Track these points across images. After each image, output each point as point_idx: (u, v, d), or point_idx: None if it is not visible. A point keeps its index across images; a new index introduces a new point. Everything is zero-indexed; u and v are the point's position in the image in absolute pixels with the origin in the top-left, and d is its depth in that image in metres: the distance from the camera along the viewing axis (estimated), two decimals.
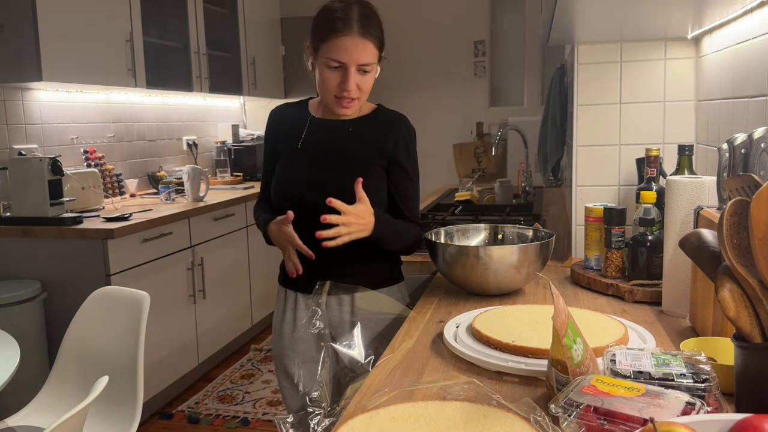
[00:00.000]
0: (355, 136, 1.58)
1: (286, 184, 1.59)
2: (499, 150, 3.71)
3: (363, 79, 1.50)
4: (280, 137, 1.64)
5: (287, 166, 1.60)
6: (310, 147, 1.59)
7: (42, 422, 1.90)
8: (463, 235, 1.78)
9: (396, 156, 1.60)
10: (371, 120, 1.61)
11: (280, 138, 1.64)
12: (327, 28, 1.46)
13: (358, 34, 1.46)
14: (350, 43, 1.45)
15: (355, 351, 1.26)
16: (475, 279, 1.53)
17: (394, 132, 1.61)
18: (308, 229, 1.53)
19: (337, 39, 1.45)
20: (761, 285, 0.78)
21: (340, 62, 1.46)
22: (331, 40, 1.45)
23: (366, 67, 1.49)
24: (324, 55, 1.47)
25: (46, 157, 2.80)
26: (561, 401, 0.80)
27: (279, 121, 1.68)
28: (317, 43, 1.48)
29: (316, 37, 1.49)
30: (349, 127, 1.59)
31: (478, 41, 5.25)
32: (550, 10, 1.48)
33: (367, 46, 1.47)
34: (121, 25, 3.30)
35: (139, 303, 1.94)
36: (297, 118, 1.63)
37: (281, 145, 1.62)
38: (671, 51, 1.84)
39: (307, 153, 1.58)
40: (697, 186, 1.31)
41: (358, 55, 1.46)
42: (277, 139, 1.65)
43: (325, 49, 1.46)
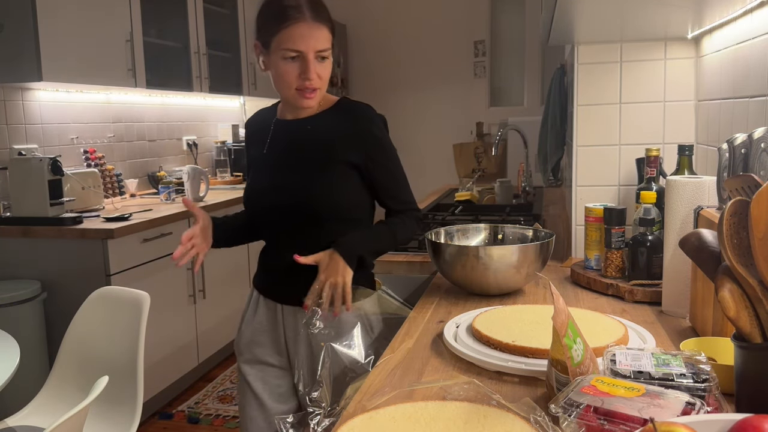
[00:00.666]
0: (315, 134, 1.49)
1: (253, 191, 1.56)
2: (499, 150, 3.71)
3: (322, 66, 1.42)
4: (252, 145, 1.62)
5: (255, 172, 1.58)
6: (274, 151, 1.54)
7: (42, 422, 1.90)
8: (463, 235, 1.78)
9: (365, 150, 1.48)
10: (332, 114, 1.50)
11: (252, 145, 1.62)
12: (278, 19, 1.39)
13: (312, 19, 1.38)
14: (305, 30, 1.38)
15: (355, 351, 1.26)
16: (475, 279, 1.53)
17: (358, 125, 1.49)
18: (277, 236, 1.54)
19: (291, 27, 1.37)
20: (761, 285, 0.78)
21: (298, 51, 1.38)
22: (284, 30, 1.38)
23: (324, 53, 1.41)
24: (279, 48, 1.39)
25: (46, 157, 2.80)
26: (561, 401, 0.80)
27: (251, 128, 1.65)
28: (268, 37, 1.41)
29: (265, 31, 1.42)
30: (307, 126, 1.50)
31: (478, 41, 5.25)
32: (550, 10, 1.48)
33: (322, 30, 1.40)
34: (121, 25, 3.30)
35: (139, 303, 1.94)
36: (265, 123, 1.59)
37: (252, 153, 1.61)
38: (671, 51, 1.84)
39: (272, 157, 1.54)
40: (697, 186, 1.31)
41: (315, 41, 1.39)
42: (250, 146, 1.63)
43: (279, 41, 1.39)
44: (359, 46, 5.43)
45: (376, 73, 5.46)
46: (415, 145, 5.47)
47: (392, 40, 5.34)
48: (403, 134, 5.50)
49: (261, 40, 1.43)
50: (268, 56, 1.43)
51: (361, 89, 5.51)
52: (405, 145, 5.52)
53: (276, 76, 1.43)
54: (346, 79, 5.37)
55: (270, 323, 1.56)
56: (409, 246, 2.08)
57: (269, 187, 1.52)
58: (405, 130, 5.49)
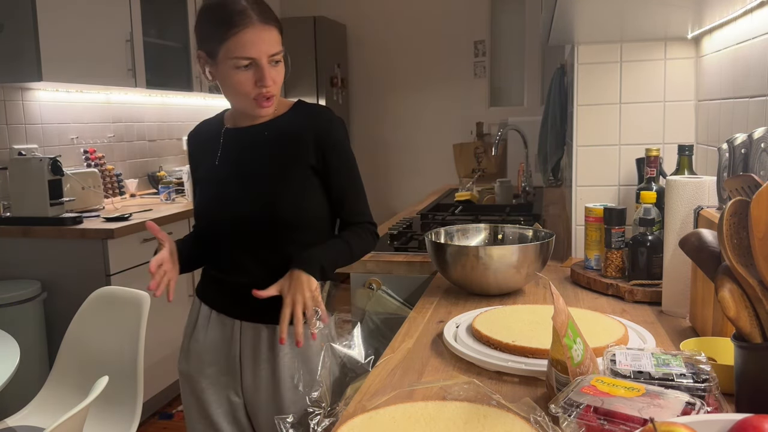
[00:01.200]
0: (273, 140, 1.42)
1: (210, 203, 1.45)
2: (499, 150, 3.71)
3: (276, 71, 1.35)
4: (198, 159, 1.51)
5: (207, 186, 1.47)
6: (227, 162, 1.44)
7: (42, 422, 1.90)
8: (463, 235, 1.78)
9: (323, 151, 1.41)
10: (291, 118, 1.44)
11: (198, 159, 1.51)
12: (223, 26, 1.30)
13: (260, 22, 1.30)
14: (255, 35, 1.30)
15: (355, 351, 1.26)
16: (475, 279, 1.53)
17: (317, 126, 1.42)
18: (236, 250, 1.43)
19: (240, 34, 1.29)
20: (761, 285, 0.78)
21: (250, 58, 1.31)
22: (232, 38, 1.29)
23: (276, 57, 1.34)
24: (228, 57, 1.31)
25: (46, 157, 2.80)
26: (561, 401, 0.80)
27: (195, 141, 1.54)
28: (213, 46, 1.32)
29: (210, 40, 1.33)
30: (264, 132, 1.43)
31: (478, 41, 5.25)
32: (550, 10, 1.48)
33: (272, 33, 1.33)
34: (121, 25, 3.30)
35: (139, 303, 1.94)
36: (212, 134, 1.48)
37: (199, 169, 1.50)
38: (671, 51, 1.84)
39: (226, 169, 1.44)
40: (697, 186, 1.31)
41: (266, 45, 1.31)
42: (196, 161, 1.52)
43: (228, 50, 1.30)
44: (359, 46, 5.43)
45: (376, 73, 5.46)
46: (415, 145, 5.47)
47: (392, 40, 5.34)
48: (403, 134, 5.50)
49: (205, 50, 1.35)
50: (216, 66, 1.34)
51: (361, 89, 5.51)
52: (405, 145, 5.53)
53: (228, 87, 1.35)
54: (346, 79, 5.38)
55: (224, 340, 1.47)
56: (409, 246, 2.08)
57: (228, 198, 1.42)
58: (405, 130, 5.49)
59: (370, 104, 5.53)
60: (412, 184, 5.47)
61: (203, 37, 1.36)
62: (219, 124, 1.50)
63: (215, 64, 1.34)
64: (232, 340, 1.47)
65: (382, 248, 2.05)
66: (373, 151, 5.54)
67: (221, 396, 1.49)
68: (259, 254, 1.43)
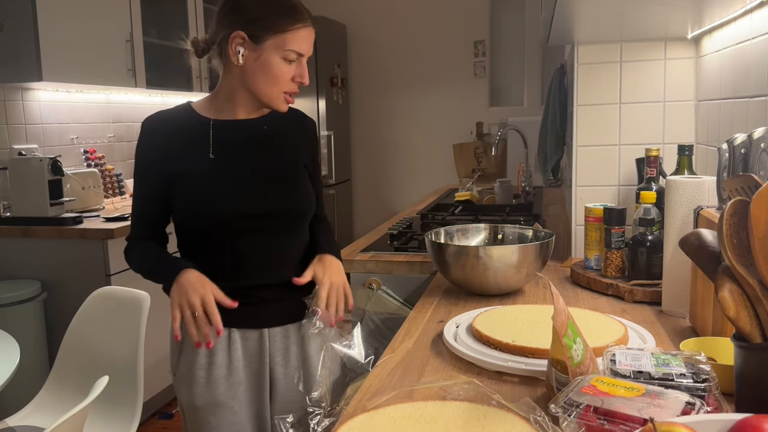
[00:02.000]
0: (276, 135, 1.43)
1: (211, 204, 1.35)
2: (499, 150, 3.71)
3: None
4: (174, 153, 1.37)
5: (203, 183, 1.36)
6: (225, 156, 1.38)
7: (42, 422, 1.90)
8: (463, 235, 1.78)
9: (310, 151, 1.49)
10: (280, 116, 1.44)
11: (175, 153, 1.37)
12: (284, 18, 1.31)
13: (311, 23, 1.35)
14: (309, 34, 1.34)
15: (355, 351, 1.26)
16: (475, 279, 1.53)
17: (306, 126, 1.50)
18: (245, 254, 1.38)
19: (300, 30, 1.31)
20: (761, 285, 0.78)
21: (301, 54, 1.33)
22: (291, 31, 1.30)
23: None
24: (281, 47, 1.31)
25: (46, 157, 2.80)
26: (561, 401, 0.80)
27: (165, 133, 1.39)
28: (264, 32, 1.31)
29: (261, 25, 1.31)
30: (264, 126, 1.42)
31: (478, 41, 5.25)
32: (550, 10, 1.48)
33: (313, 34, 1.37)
34: (121, 25, 3.30)
35: (139, 303, 1.94)
36: (191, 126, 1.39)
37: (180, 162, 1.36)
38: (671, 51, 1.84)
39: (224, 163, 1.37)
40: (696, 186, 1.31)
41: (312, 46, 1.36)
42: (171, 155, 1.37)
43: (283, 41, 1.30)
44: (359, 46, 5.43)
45: (376, 73, 5.46)
46: (414, 145, 5.47)
47: (392, 40, 5.34)
48: (403, 134, 5.50)
49: (248, 33, 1.31)
50: (257, 51, 1.32)
51: (361, 89, 5.51)
52: (404, 145, 5.53)
53: (265, 74, 1.33)
54: (346, 79, 5.37)
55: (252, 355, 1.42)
56: (409, 246, 2.08)
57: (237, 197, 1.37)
58: (405, 130, 5.49)
59: (370, 104, 5.53)
60: (412, 184, 5.47)
61: (251, 20, 1.32)
62: (192, 115, 1.41)
63: (257, 50, 1.32)
64: (262, 351, 1.43)
65: (382, 248, 2.05)
66: (373, 151, 5.54)
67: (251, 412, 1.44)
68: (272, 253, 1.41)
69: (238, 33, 1.32)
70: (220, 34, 1.35)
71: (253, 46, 1.32)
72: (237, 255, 1.39)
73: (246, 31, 1.32)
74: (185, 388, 1.41)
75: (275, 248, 1.42)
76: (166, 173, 1.37)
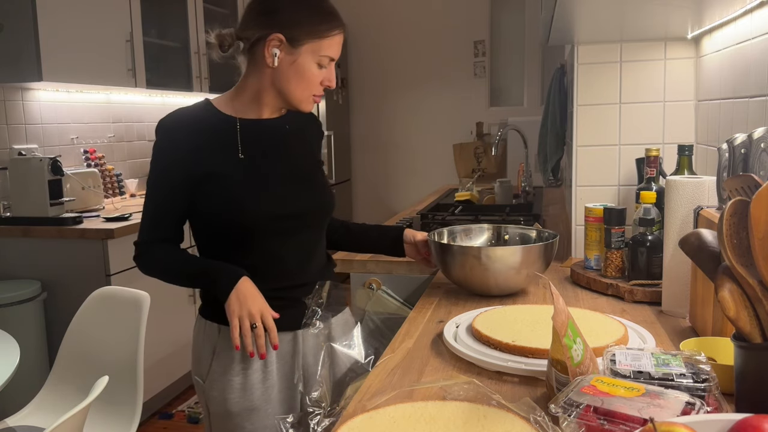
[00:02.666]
0: (297, 135, 1.45)
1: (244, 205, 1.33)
2: (499, 150, 3.71)
3: None
4: (201, 152, 1.33)
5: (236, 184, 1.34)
6: (254, 156, 1.37)
7: (42, 422, 1.90)
8: (466, 235, 1.76)
9: (320, 150, 1.54)
10: (295, 115, 1.46)
11: (202, 152, 1.33)
12: (323, 24, 1.32)
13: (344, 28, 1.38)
14: (342, 39, 1.36)
15: (355, 351, 1.26)
16: (477, 280, 1.52)
17: (316, 124, 1.55)
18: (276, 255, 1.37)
19: (335, 36, 1.33)
20: (761, 285, 0.78)
21: (333, 60, 1.36)
22: (328, 37, 1.32)
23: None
24: (316, 52, 1.32)
25: (46, 157, 2.80)
26: (561, 401, 0.80)
27: (188, 131, 1.35)
28: (302, 36, 1.31)
29: (301, 29, 1.31)
30: (286, 125, 1.43)
31: (478, 41, 5.25)
32: (550, 10, 1.48)
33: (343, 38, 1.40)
34: (121, 25, 3.30)
35: (139, 303, 1.94)
36: (215, 125, 1.37)
37: (209, 162, 1.33)
38: (671, 51, 1.84)
39: (254, 163, 1.36)
40: (696, 186, 1.31)
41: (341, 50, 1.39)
42: (197, 154, 1.33)
43: (320, 46, 1.32)
44: (359, 47, 5.43)
45: (376, 73, 5.46)
46: (415, 145, 5.47)
47: (392, 41, 5.34)
48: (403, 134, 5.50)
49: (287, 36, 1.30)
50: (293, 54, 1.32)
51: (361, 89, 5.51)
52: (405, 145, 5.53)
53: (298, 76, 1.33)
54: (346, 79, 5.37)
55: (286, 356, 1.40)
56: None
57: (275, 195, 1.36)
58: (405, 130, 5.49)
59: (370, 104, 5.53)
60: (412, 184, 5.47)
61: (292, 23, 1.31)
62: (214, 113, 1.39)
63: (293, 53, 1.32)
64: (295, 353, 1.42)
65: None
66: (373, 151, 5.54)
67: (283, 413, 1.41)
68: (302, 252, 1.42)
69: (276, 35, 1.30)
70: (255, 34, 1.32)
71: (290, 50, 1.32)
72: (269, 256, 1.37)
73: (284, 34, 1.31)
74: (218, 395, 1.37)
75: (304, 248, 1.42)
76: (191, 172, 1.33)
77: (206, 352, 1.39)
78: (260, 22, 1.32)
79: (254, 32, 1.32)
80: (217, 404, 1.38)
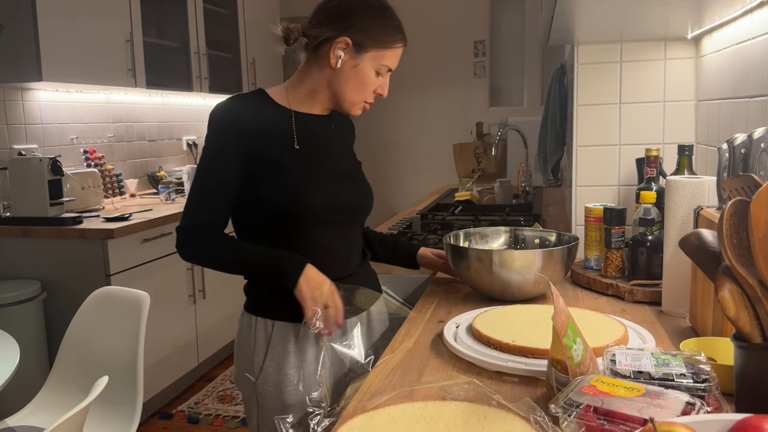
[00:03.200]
0: (340, 132, 1.52)
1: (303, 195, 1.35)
2: (499, 150, 3.71)
3: None
4: (261, 137, 1.36)
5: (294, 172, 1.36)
6: (309, 148, 1.40)
7: (42, 422, 1.90)
8: (481, 238, 1.74)
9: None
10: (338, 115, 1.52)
11: (263, 138, 1.36)
12: (391, 35, 1.37)
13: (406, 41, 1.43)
14: (401, 52, 1.42)
15: (355, 351, 1.26)
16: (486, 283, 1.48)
17: (352, 128, 1.61)
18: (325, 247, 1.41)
19: (399, 48, 1.40)
20: (761, 285, 0.78)
21: (391, 71, 1.42)
22: (392, 48, 1.38)
23: None
24: (378, 61, 1.37)
25: (46, 157, 2.80)
26: (561, 401, 0.80)
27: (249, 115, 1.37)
28: (369, 43, 1.35)
29: (369, 37, 1.35)
30: (332, 124, 1.49)
31: (478, 41, 5.25)
32: (550, 10, 1.48)
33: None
34: (121, 25, 3.30)
35: (139, 303, 1.94)
36: (272, 114, 1.39)
37: (270, 148, 1.36)
38: (671, 51, 1.84)
39: (309, 155, 1.40)
40: (697, 186, 1.31)
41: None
42: (258, 138, 1.35)
43: (383, 56, 1.37)
44: None
45: None
46: (415, 145, 5.47)
47: None
48: (403, 134, 5.50)
49: (355, 41, 1.35)
50: (356, 59, 1.36)
51: None
52: (405, 145, 5.53)
53: (356, 81, 1.38)
54: None
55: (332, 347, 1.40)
56: None
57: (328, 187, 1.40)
58: (405, 130, 5.49)
59: None
60: (412, 184, 5.47)
61: (361, 30, 1.35)
62: (270, 103, 1.41)
63: (356, 58, 1.36)
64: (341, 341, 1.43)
65: None
66: (373, 151, 5.53)
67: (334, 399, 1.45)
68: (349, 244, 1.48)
69: (344, 38, 1.35)
70: (324, 34, 1.36)
71: (354, 54, 1.36)
72: (319, 248, 1.40)
73: (352, 39, 1.35)
74: (273, 389, 1.39)
75: (346, 242, 1.47)
76: (252, 156, 1.34)
77: (259, 348, 1.41)
78: (330, 24, 1.36)
79: (323, 32, 1.36)
80: (272, 399, 1.40)
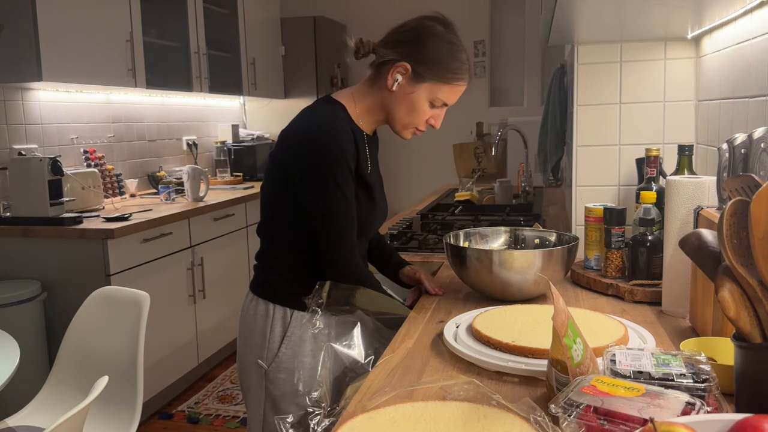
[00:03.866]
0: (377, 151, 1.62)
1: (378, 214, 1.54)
2: (499, 150, 3.71)
3: None
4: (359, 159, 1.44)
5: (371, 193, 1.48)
6: (374, 167, 1.54)
7: (42, 422, 1.90)
8: (482, 238, 1.74)
9: None
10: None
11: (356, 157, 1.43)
12: (454, 72, 1.40)
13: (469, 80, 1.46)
14: (462, 90, 1.45)
15: (355, 351, 1.26)
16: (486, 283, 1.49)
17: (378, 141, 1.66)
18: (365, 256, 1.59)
19: (459, 86, 1.42)
20: (761, 285, 0.78)
21: (446, 105, 1.44)
22: (452, 85, 1.41)
23: None
24: (435, 94, 1.40)
25: (46, 157, 2.80)
26: (561, 401, 0.80)
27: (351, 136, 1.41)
28: (430, 74, 1.38)
29: (432, 68, 1.38)
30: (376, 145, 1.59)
31: (478, 41, 5.25)
32: (550, 10, 1.48)
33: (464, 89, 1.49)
34: (121, 25, 3.30)
35: (139, 303, 1.94)
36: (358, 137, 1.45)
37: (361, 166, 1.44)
38: (671, 51, 1.84)
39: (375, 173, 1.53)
40: (697, 186, 1.31)
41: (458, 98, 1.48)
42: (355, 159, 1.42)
43: (440, 89, 1.40)
44: None
45: None
46: (414, 145, 5.47)
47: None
48: None
49: (416, 69, 1.38)
50: (413, 86, 1.40)
51: None
52: (404, 145, 5.53)
53: (409, 107, 1.42)
54: (346, 79, 5.37)
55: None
56: (409, 246, 2.08)
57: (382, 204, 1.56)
58: None
59: None
60: (412, 184, 5.47)
61: (422, 60, 1.38)
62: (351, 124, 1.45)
63: (413, 86, 1.40)
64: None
65: None
66: None
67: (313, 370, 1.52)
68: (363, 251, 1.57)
69: (403, 64, 1.38)
70: (389, 55, 1.40)
71: (411, 81, 1.40)
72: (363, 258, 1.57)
73: (412, 66, 1.38)
74: (285, 376, 1.44)
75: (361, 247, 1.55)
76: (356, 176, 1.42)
77: (275, 336, 1.45)
78: (398, 47, 1.40)
79: (388, 53, 1.40)
80: (284, 386, 1.45)
